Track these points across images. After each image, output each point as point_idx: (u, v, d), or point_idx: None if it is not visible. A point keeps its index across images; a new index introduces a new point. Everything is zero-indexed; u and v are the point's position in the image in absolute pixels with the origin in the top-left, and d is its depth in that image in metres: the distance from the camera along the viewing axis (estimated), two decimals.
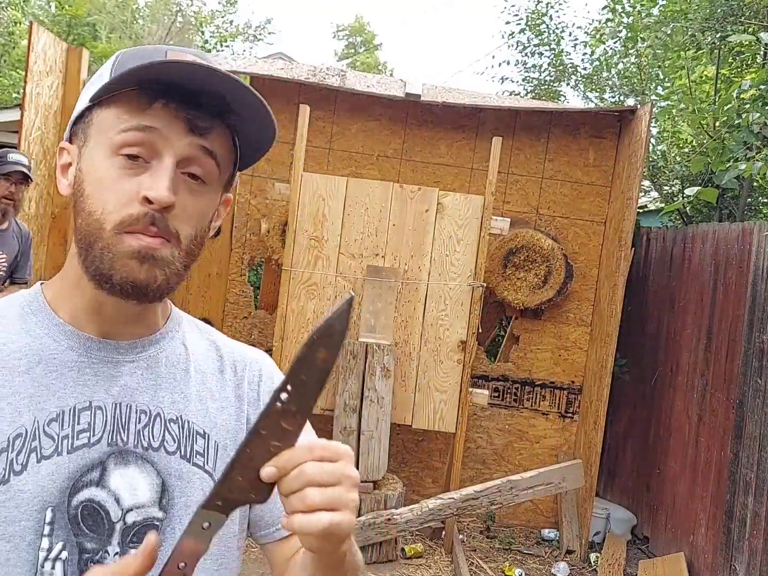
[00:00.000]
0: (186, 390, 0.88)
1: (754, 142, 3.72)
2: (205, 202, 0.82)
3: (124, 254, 0.77)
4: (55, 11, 13.10)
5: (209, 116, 0.78)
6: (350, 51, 24.64)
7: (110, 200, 0.77)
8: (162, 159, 0.77)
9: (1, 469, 0.75)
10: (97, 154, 0.79)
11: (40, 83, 4.55)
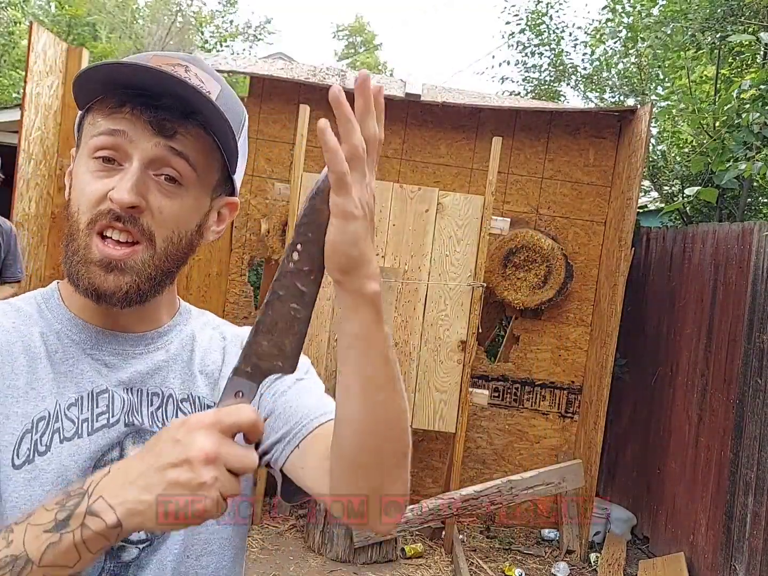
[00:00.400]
0: (191, 367, 0.91)
1: (754, 142, 3.72)
2: (182, 204, 0.83)
3: (89, 260, 0.80)
4: (55, 11, 13.10)
5: (174, 117, 0.80)
6: (350, 51, 24.65)
7: (83, 201, 0.81)
8: (131, 162, 0.79)
9: (26, 450, 0.78)
10: (80, 159, 0.84)
11: (40, 83, 4.55)
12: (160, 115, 0.79)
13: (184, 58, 0.83)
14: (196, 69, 0.82)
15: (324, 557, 4.07)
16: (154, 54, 0.82)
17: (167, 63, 0.80)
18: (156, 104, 0.79)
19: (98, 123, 0.80)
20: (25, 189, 4.56)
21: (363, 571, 3.98)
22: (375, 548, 4.06)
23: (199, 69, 0.83)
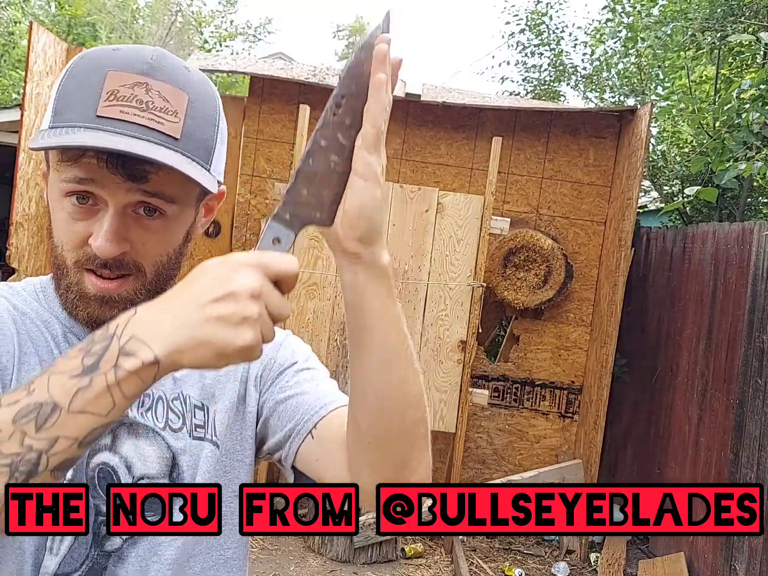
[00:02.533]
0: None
1: (754, 142, 3.72)
2: (167, 230, 0.81)
3: (84, 295, 0.80)
4: (55, 11, 13.10)
5: (143, 165, 0.75)
6: (350, 51, 24.64)
7: (66, 240, 0.79)
8: (107, 207, 0.77)
9: None
10: (53, 191, 0.80)
11: (40, 83, 4.55)
12: (128, 165, 0.75)
13: (144, 70, 0.77)
14: (159, 85, 0.76)
15: (324, 557, 4.07)
16: (110, 70, 0.76)
17: (125, 84, 0.75)
18: (123, 156, 0.74)
19: (63, 169, 0.77)
20: (25, 189, 4.56)
21: (363, 571, 3.98)
22: (375, 548, 4.06)
23: (162, 83, 0.77)
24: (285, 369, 0.94)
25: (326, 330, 4.36)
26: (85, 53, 0.81)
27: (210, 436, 0.89)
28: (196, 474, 0.86)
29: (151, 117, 0.75)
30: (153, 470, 0.84)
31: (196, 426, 0.88)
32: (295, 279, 0.64)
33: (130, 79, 0.76)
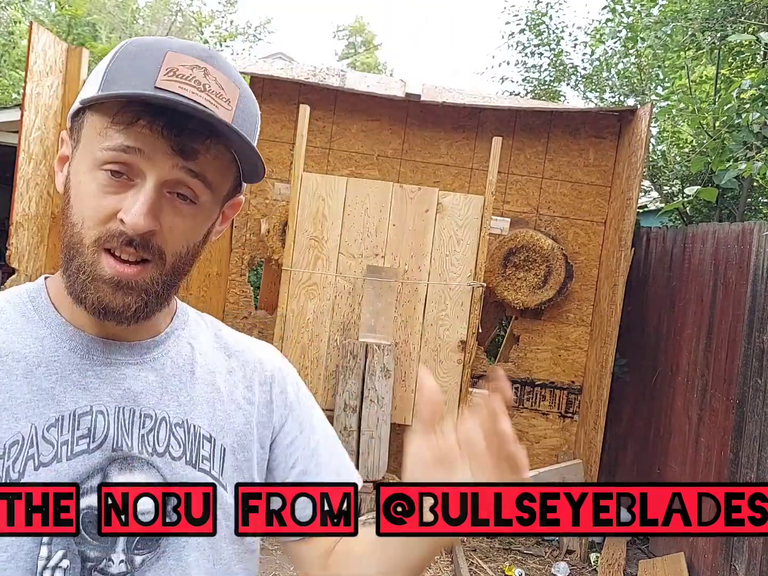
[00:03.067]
0: (192, 393, 0.86)
1: (754, 142, 3.72)
2: (195, 220, 0.79)
3: (98, 277, 0.75)
4: (55, 11, 13.10)
5: (197, 140, 0.74)
6: (350, 51, 24.65)
7: (90, 215, 0.75)
8: (145, 181, 0.74)
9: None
10: (82, 164, 0.76)
11: (40, 83, 4.55)
12: (182, 138, 0.73)
13: (203, 56, 0.77)
14: (216, 72, 0.76)
15: None
16: (170, 50, 0.75)
17: (185, 64, 0.75)
18: (179, 126, 0.73)
19: (110, 135, 0.74)
20: (25, 189, 4.56)
21: None
22: None
23: (219, 71, 0.77)
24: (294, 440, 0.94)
25: (326, 330, 4.36)
26: (135, 39, 0.80)
27: (216, 472, 0.84)
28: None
29: (208, 98, 0.74)
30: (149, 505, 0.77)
31: (202, 458, 0.84)
32: None
33: (190, 61, 0.75)
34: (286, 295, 4.33)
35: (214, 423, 0.86)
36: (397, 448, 4.94)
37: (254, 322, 5.04)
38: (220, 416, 0.87)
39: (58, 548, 0.74)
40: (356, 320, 4.34)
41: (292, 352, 4.34)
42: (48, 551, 0.74)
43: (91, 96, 0.74)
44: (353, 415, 4.14)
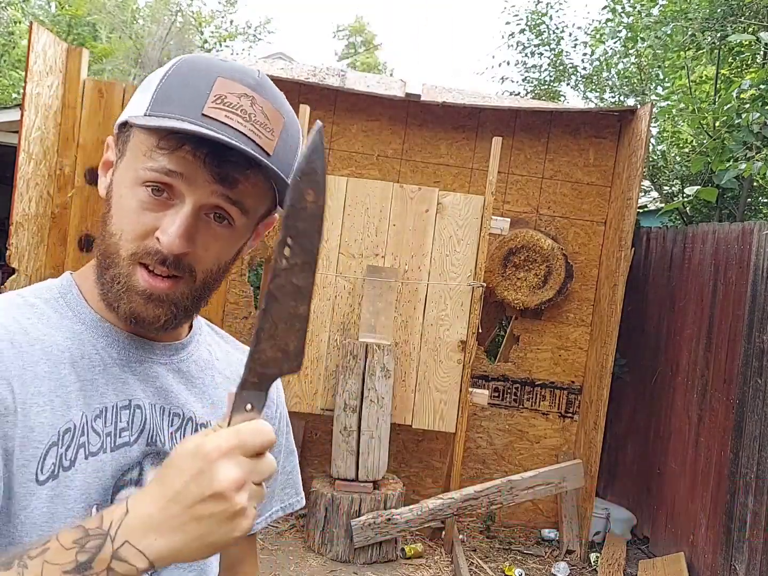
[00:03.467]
0: (213, 396, 0.90)
1: (754, 142, 3.72)
2: (229, 242, 0.82)
3: (131, 289, 0.78)
4: (55, 11, 13.10)
5: (237, 170, 0.77)
6: (350, 51, 24.64)
7: (128, 230, 0.77)
8: (183, 203, 0.77)
9: (50, 465, 0.74)
10: (126, 178, 0.79)
11: (40, 83, 4.55)
12: (224, 168, 0.76)
13: (252, 84, 0.79)
14: (263, 102, 0.78)
15: (324, 557, 4.07)
16: (219, 76, 0.78)
17: (233, 92, 0.77)
18: (221, 156, 0.75)
19: (154, 157, 0.76)
20: (25, 189, 4.56)
21: (363, 571, 3.98)
22: (375, 548, 4.06)
23: (266, 100, 0.79)
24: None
25: (326, 330, 4.36)
26: (190, 57, 0.81)
27: None
28: None
29: (251, 128, 0.77)
30: None
31: None
32: (273, 442, 0.63)
33: (239, 89, 0.77)
34: None
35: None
36: (397, 448, 4.94)
37: (254, 322, 5.04)
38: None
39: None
40: (356, 320, 4.34)
41: None
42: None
43: (138, 119, 0.77)
44: (353, 415, 4.14)
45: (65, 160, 4.85)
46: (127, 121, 0.80)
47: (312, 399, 4.35)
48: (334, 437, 4.15)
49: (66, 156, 4.85)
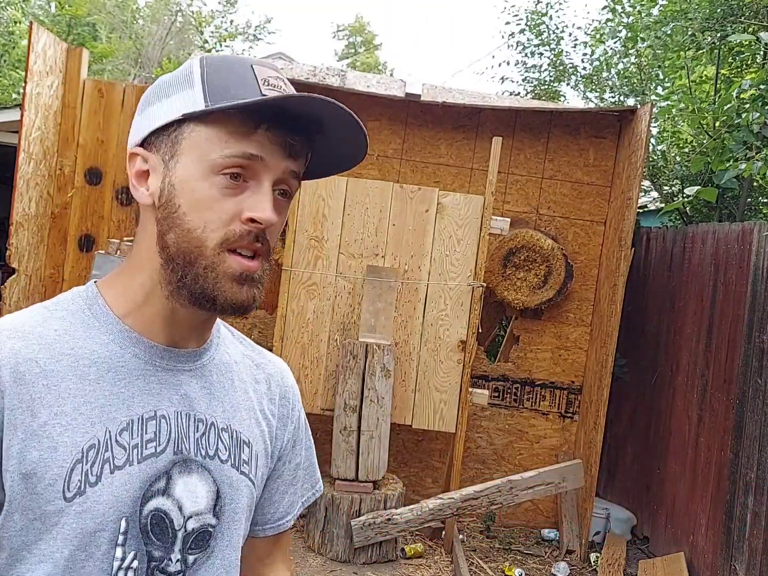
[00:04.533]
0: (233, 400, 0.92)
1: (754, 142, 3.72)
2: (286, 214, 0.86)
3: (226, 275, 0.79)
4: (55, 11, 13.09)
5: (306, 141, 0.82)
6: (350, 51, 24.64)
7: (212, 219, 0.79)
8: (262, 182, 0.80)
9: (77, 481, 0.76)
10: (193, 172, 0.79)
11: (40, 83, 4.55)
12: (295, 139, 0.81)
13: (278, 69, 0.84)
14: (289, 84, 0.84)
15: (324, 557, 4.07)
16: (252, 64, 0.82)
17: (271, 75, 0.81)
18: (297, 126, 0.80)
19: (233, 143, 0.78)
20: (25, 189, 4.56)
21: (363, 571, 3.98)
22: (375, 548, 4.06)
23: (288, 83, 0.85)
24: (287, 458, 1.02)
25: (326, 330, 4.36)
26: (209, 55, 0.85)
27: (252, 476, 0.91)
28: (237, 509, 0.88)
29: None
30: (201, 506, 0.84)
31: (243, 461, 0.89)
32: None
33: (273, 73, 0.82)
34: (286, 295, 4.33)
35: (249, 430, 0.92)
36: (397, 448, 4.94)
37: (254, 322, 5.04)
38: (253, 424, 0.93)
39: (131, 549, 0.79)
40: (356, 320, 4.34)
41: (292, 352, 4.34)
42: (122, 552, 0.78)
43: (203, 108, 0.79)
44: (353, 415, 4.14)
45: (65, 160, 4.85)
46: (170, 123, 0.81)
47: (312, 399, 4.35)
48: (334, 437, 4.15)
49: (66, 156, 4.85)
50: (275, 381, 0.99)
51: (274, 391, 0.98)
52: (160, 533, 0.80)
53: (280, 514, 1.01)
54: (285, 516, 1.02)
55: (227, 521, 0.87)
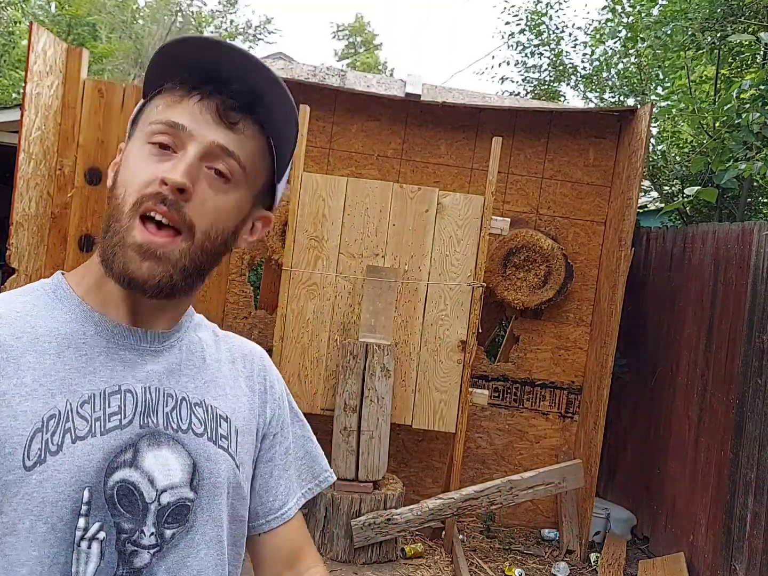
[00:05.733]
0: (205, 376, 0.92)
1: (754, 142, 3.72)
2: (226, 199, 0.84)
3: (128, 244, 0.79)
4: (55, 11, 13.10)
5: (240, 106, 0.82)
6: (350, 51, 24.63)
7: (132, 182, 0.81)
8: (186, 150, 0.80)
9: (36, 450, 0.76)
10: (134, 145, 0.84)
11: (40, 83, 4.55)
12: (228, 101, 0.81)
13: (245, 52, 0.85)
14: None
15: (324, 557, 4.07)
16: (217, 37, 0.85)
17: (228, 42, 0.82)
18: (227, 90, 0.81)
19: (160, 110, 0.82)
20: (25, 189, 4.56)
21: (363, 571, 3.98)
22: (375, 548, 4.06)
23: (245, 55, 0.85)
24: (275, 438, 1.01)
25: (326, 330, 4.36)
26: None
27: (233, 450, 0.90)
28: (217, 483, 0.87)
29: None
30: (176, 479, 0.83)
31: (221, 436, 0.89)
32: None
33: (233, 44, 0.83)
34: (286, 295, 4.33)
35: (226, 405, 0.92)
36: (397, 448, 4.94)
37: (254, 322, 5.04)
38: (231, 399, 0.93)
39: (95, 520, 0.78)
40: (356, 320, 4.34)
41: (292, 352, 4.34)
42: (85, 522, 0.77)
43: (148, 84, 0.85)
44: (353, 415, 4.14)
45: (65, 160, 4.85)
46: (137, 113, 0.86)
47: (312, 399, 4.35)
48: (334, 437, 4.15)
49: (66, 156, 4.85)
50: (250, 360, 0.99)
51: (250, 369, 0.98)
52: (128, 505, 0.79)
53: (279, 503, 1.01)
54: (285, 504, 1.01)
55: (207, 495, 0.85)
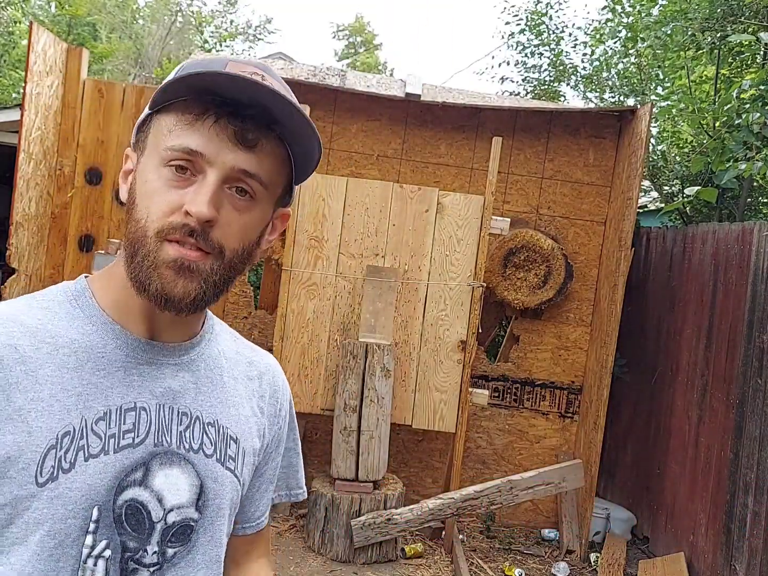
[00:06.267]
0: (222, 395, 0.91)
1: (754, 142, 3.72)
2: (251, 217, 0.83)
3: (162, 262, 0.78)
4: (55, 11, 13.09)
5: (257, 128, 0.80)
6: (350, 51, 24.63)
7: (154, 209, 0.79)
8: (206, 175, 0.79)
9: (50, 467, 0.76)
10: (149, 164, 0.81)
11: (40, 83, 4.55)
12: (244, 126, 0.79)
13: (259, 66, 0.83)
14: (271, 79, 0.81)
15: (324, 557, 4.07)
16: (230, 60, 0.81)
17: (245, 70, 0.79)
18: (242, 114, 0.78)
19: (175, 135, 0.79)
20: (25, 189, 4.56)
21: (363, 571, 3.98)
22: (375, 548, 4.06)
23: (274, 79, 0.82)
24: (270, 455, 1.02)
25: (326, 330, 4.36)
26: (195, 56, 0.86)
27: (238, 473, 0.91)
28: (221, 504, 0.88)
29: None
30: (183, 499, 0.84)
31: (229, 457, 0.89)
32: None
33: (250, 69, 0.80)
34: (286, 295, 4.33)
35: (238, 426, 0.92)
36: (397, 448, 4.93)
37: (254, 322, 5.04)
38: (242, 420, 0.93)
39: (102, 538, 0.78)
40: (356, 320, 4.34)
41: (292, 352, 4.34)
42: (93, 540, 0.78)
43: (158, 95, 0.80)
44: (353, 415, 4.14)
45: (65, 160, 4.85)
46: (146, 118, 0.83)
47: (312, 399, 4.35)
48: (334, 437, 4.15)
49: (66, 156, 4.85)
50: (266, 379, 0.99)
51: (265, 389, 0.98)
52: (135, 524, 0.80)
53: (260, 513, 1.02)
54: (263, 514, 1.04)
55: (210, 516, 0.86)
